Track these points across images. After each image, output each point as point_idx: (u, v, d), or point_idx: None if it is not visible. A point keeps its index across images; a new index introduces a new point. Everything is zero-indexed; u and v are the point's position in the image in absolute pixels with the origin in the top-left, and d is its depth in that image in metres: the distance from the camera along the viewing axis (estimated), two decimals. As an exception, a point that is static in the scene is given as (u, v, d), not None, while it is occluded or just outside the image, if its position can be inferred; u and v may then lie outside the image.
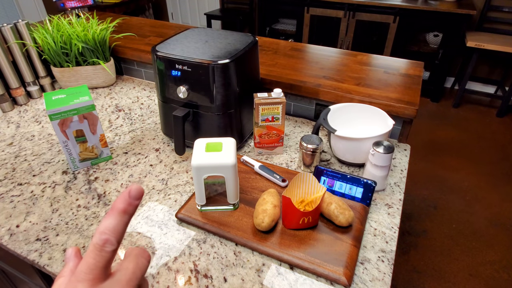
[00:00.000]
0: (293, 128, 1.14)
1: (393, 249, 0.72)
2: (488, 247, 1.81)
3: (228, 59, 0.85)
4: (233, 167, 0.70)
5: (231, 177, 0.72)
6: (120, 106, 1.28)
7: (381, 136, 0.86)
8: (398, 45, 3.03)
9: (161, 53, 0.89)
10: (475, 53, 2.78)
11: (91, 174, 0.93)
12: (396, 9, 2.87)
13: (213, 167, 0.70)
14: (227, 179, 0.73)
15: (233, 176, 0.72)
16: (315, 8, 3.15)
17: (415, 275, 1.67)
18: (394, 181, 0.91)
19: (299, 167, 0.96)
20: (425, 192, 2.17)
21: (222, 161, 0.70)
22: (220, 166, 0.70)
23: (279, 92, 0.92)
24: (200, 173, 0.71)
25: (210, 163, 0.69)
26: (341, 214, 0.71)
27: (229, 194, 0.76)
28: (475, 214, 2.01)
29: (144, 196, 0.86)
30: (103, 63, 1.31)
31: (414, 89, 1.08)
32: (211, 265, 0.68)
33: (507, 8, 2.89)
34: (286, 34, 3.63)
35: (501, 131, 2.80)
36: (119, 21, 1.67)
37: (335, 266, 0.65)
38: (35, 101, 1.30)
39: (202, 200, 0.76)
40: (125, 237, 0.74)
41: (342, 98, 1.07)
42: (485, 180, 2.26)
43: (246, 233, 0.72)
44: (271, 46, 1.43)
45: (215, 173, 0.71)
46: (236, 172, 0.73)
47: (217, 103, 0.90)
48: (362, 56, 1.33)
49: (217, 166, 0.70)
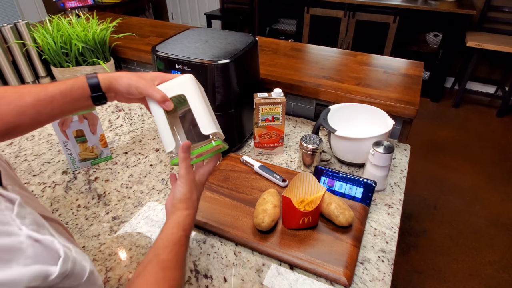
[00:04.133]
0: (293, 128, 1.14)
1: (393, 249, 0.72)
2: (488, 247, 1.81)
3: (228, 59, 0.85)
4: (192, 81, 0.61)
5: (194, 95, 0.59)
6: (120, 106, 1.28)
7: (381, 136, 0.86)
8: (398, 45, 3.03)
9: (161, 53, 0.89)
10: (475, 53, 2.78)
11: (91, 174, 0.93)
12: (396, 9, 2.87)
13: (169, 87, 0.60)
14: (189, 99, 0.59)
15: (197, 94, 0.60)
16: (315, 8, 3.15)
17: (415, 275, 1.67)
18: (394, 181, 0.91)
19: (299, 167, 0.96)
20: (425, 192, 2.17)
21: (177, 81, 0.61)
22: (177, 83, 0.60)
23: (279, 92, 0.92)
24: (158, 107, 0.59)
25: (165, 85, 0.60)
26: (341, 214, 0.71)
27: (201, 121, 0.59)
28: (475, 214, 2.01)
29: (144, 196, 0.86)
30: (103, 63, 1.31)
31: (414, 89, 1.08)
32: (211, 265, 0.68)
33: (507, 8, 2.89)
34: (286, 34, 3.63)
35: (501, 131, 2.80)
36: (119, 21, 1.67)
37: (335, 266, 0.65)
38: (35, 101, 1.30)
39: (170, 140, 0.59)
40: (125, 237, 0.74)
41: (342, 98, 1.06)
42: (485, 180, 2.26)
43: (246, 233, 0.72)
44: (271, 46, 1.43)
45: (174, 92, 0.59)
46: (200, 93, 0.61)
47: (217, 103, 0.89)
48: (362, 56, 1.33)
49: (173, 83, 0.60)
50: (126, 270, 0.67)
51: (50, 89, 0.57)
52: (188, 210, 0.55)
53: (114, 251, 0.71)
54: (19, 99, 0.56)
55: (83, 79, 0.59)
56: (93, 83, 0.59)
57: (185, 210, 0.54)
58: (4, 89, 0.57)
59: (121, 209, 0.82)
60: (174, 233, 0.51)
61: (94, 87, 0.59)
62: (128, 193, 0.87)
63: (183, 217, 0.54)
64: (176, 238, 0.51)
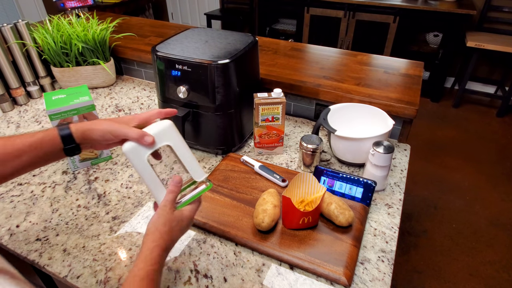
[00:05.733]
0: (293, 128, 1.14)
1: (393, 249, 0.72)
2: (488, 247, 1.81)
3: (228, 59, 0.85)
4: (173, 128, 0.58)
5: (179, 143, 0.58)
6: (120, 106, 1.28)
7: (381, 136, 0.86)
8: (398, 45, 3.03)
9: (161, 53, 0.89)
10: (475, 53, 2.78)
11: (91, 174, 0.93)
12: (396, 9, 2.87)
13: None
14: (176, 147, 0.58)
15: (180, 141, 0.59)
16: (315, 8, 3.15)
17: (415, 275, 1.67)
18: (394, 181, 0.91)
19: (299, 167, 0.96)
20: (425, 192, 2.17)
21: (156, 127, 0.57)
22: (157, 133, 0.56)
23: (279, 92, 0.92)
24: (139, 155, 0.55)
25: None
26: (341, 214, 0.71)
27: (190, 168, 0.60)
28: (475, 214, 2.01)
29: (144, 196, 0.86)
30: (103, 63, 1.31)
31: (414, 89, 1.08)
32: (211, 265, 0.68)
33: (507, 8, 2.89)
34: (286, 34, 3.63)
35: (501, 131, 2.80)
36: (119, 21, 1.67)
37: (335, 266, 0.65)
38: (35, 101, 1.30)
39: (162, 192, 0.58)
40: (125, 237, 0.74)
41: (342, 98, 1.06)
42: (485, 180, 2.26)
43: (246, 233, 0.72)
44: (271, 46, 1.43)
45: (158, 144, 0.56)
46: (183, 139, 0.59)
47: (217, 103, 0.90)
48: (362, 56, 1.33)
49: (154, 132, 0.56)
50: (126, 270, 0.67)
51: (18, 142, 0.55)
52: (154, 242, 0.52)
53: (114, 251, 0.71)
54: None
55: (54, 131, 0.57)
56: (65, 134, 0.56)
57: (151, 242, 0.52)
58: None
59: (121, 209, 0.82)
60: (140, 269, 0.50)
61: (67, 139, 0.57)
62: (128, 193, 0.87)
63: (149, 250, 0.52)
64: (143, 274, 0.49)
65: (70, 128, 0.57)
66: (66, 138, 0.57)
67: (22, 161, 0.56)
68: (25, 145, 0.55)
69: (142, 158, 0.55)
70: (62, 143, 0.57)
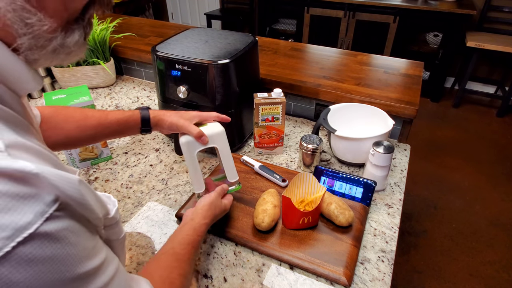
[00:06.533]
0: (293, 128, 1.14)
1: (393, 249, 0.72)
2: (488, 247, 1.81)
3: (228, 59, 0.85)
4: (224, 135, 0.69)
5: (225, 147, 0.70)
6: (120, 106, 1.28)
7: (381, 136, 0.86)
8: (398, 45, 3.03)
9: (161, 53, 0.89)
10: (475, 53, 2.78)
11: (91, 174, 0.93)
12: (396, 9, 2.87)
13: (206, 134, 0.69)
14: (222, 151, 0.70)
15: (226, 146, 0.70)
16: (315, 8, 3.15)
17: (415, 275, 1.67)
18: (394, 181, 0.91)
19: (299, 167, 0.96)
20: (425, 192, 2.17)
21: (211, 130, 0.69)
22: (211, 135, 0.68)
23: (279, 92, 0.92)
24: (192, 149, 0.67)
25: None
26: (341, 214, 0.71)
27: (228, 170, 0.72)
28: (475, 214, 2.01)
29: (144, 196, 0.86)
30: (103, 63, 1.31)
31: (414, 89, 1.08)
32: (211, 265, 0.68)
33: (507, 8, 2.89)
34: (286, 34, 3.63)
35: (501, 131, 2.80)
36: (119, 21, 1.67)
37: (335, 266, 0.65)
38: (35, 101, 1.30)
39: (200, 184, 0.70)
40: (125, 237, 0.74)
41: (342, 98, 1.06)
42: (485, 180, 2.26)
43: (246, 233, 0.72)
44: (271, 46, 1.43)
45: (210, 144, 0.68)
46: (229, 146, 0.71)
47: (217, 103, 0.89)
48: (362, 56, 1.33)
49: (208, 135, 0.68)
50: (126, 270, 0.67)
51: (110, 117, 0.70)
52: (205, 219, 0.63)
53: (114, 251, 0.71)
54: (84, 120, 0.68)
55: (138, 113, 0.72)
56: (145, 117, 0.72)
57: (202, 218, 0.62)
58: (74, 109, 0.70)
59: (121, 209, 0.82)
60: (189, 235, 0.59)
61: (145, 122, 0.72)
62: (128, 193, 0.87)
63: (199, 224, 0.61)
64: (191, 239, 0.58)
65: (150, 114, 0.72)
66: (145, 121, 0.72)
67: (109, 131, 0.71)
68: (114, 120, 0.70)
69: (194, 152, 0.68)
70: (141, 124, 0.72)
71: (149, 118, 0.72)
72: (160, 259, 0.54)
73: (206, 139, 0.67)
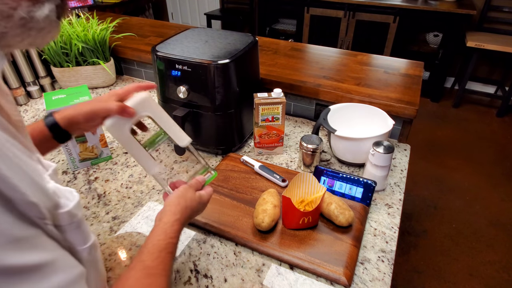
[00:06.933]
0: (293, 128, 1.14)
1: (393, 249, 0.72)
2: (488, 247, 1.81)
3: (228, 59, 0.85)
4: (151, 99, 0.59)
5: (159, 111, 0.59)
6: (120, 106, 1.28)
7: (381, 136, 0.86)
8: (398, 45, 3.03)
9: (161, 53, 0.89)
10: (475, 53, 2.78)
11: (91, 174, 0.93)
12: (396, 9, 2.87)
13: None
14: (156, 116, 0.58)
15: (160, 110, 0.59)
16: (315, 8, 3.15)
17: (415, 275, 1.67)
18: (394, 181, 0.91)
19: (299, 167, 0.96)
20: (425, 192, 2.17)
21: (134, 99, 0.57)
22: (135, 105, 0.56)
23: (279, 92, 0.92)
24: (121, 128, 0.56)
25: None
26: (341, 214, 0.71)
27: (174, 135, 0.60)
28: (475, 214, 2.01)
29: (144, 196, 0.86)
30: (103, 63, 1.31)
31: (414, 89, 1.08)
32: (211, 265, 0.68)
33: (507, 8, 2.89)
34: (286, 34, 3.63)
35: (501, 131, 2.79)
36: (119, 21, 1.67)
37: (335, 266, 0.65)
38: (35, 101, 1.30)
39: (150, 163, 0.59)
40: (125, 237, 0.74)
41: (342, 98, 1.06)
42: (485, 180, 2.26)
43: (246, 233, 0.72)
44: (271, 46, 1.43)
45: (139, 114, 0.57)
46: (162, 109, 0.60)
47: (217, 103, 0.90)
48: (362, 56, 1.33)
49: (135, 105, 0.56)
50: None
51: None
52: (175, 215, 0.53)
53: (114, 251, 0.71)
54: None
55: (41, 122, 0.58)
56: (51, 124, 0.58)
57: (172, 215, 0.53)
58: None
59: (121, 209, 0.82)
60: (160, 240, 0.50)
61: (54, 128, 0.58)
62: (128, 193, 0.87)
63: (169, 223, 0.52)
64: (163, 245, 0.49)
65: (55, 117, 0.58)
66: (53, 128, 0.58)
67: None
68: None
69: (125, 131, 0.56)
70: (51, 133, 0.58)
71: (56, 122, 0.58)
72: (128, 277, 0.45)
73: (130, 109, 0.55)
